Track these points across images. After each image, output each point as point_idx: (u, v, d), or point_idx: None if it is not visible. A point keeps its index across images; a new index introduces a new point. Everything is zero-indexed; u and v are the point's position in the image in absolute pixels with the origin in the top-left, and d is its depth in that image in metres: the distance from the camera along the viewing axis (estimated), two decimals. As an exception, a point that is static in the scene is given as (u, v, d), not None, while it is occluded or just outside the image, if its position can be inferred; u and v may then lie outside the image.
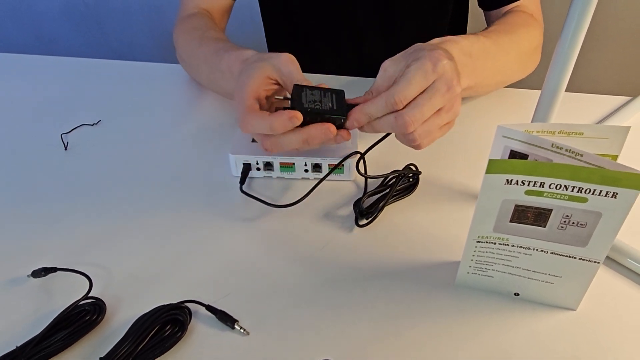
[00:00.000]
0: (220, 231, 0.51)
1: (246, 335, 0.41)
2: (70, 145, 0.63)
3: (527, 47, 0.66)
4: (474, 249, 0.42)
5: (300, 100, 0.48)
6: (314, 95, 0.49)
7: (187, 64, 0.74)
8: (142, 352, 0.39)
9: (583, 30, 0.41)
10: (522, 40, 0.65)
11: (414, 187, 0.56)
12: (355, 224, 0.51)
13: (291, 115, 0.46)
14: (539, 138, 0.38)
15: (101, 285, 0.45)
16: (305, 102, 0.48)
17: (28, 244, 0.50)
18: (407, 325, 0.42)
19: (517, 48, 0.64)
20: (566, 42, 0.42)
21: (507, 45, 0.62)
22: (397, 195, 0.55)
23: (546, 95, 0.45)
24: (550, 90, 0.45)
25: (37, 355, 0.38)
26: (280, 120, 0.46)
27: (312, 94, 0.49)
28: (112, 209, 0.54)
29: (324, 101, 0.49)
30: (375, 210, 0.52)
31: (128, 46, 1.59)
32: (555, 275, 0.41)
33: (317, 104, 0.48)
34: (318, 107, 0.48)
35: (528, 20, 0.69)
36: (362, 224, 0.51)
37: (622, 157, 0.39)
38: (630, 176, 0.34)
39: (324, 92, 0.50)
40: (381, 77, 0.49)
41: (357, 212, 0.52)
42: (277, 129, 0.47)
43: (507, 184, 0.37)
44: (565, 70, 0.44)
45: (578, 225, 0.38)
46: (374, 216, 0.52)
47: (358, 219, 0.51)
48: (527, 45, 0.66)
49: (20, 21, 1.59)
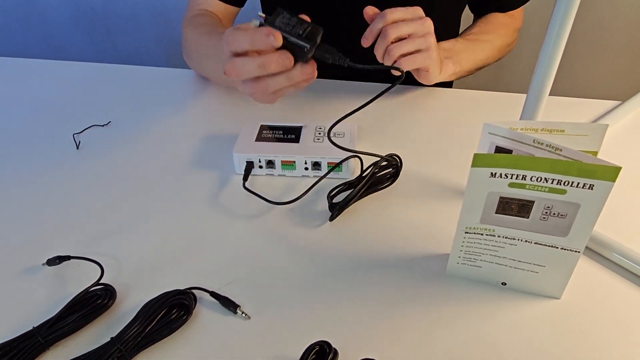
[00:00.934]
0: (224, 224, 0.54)
1: (247, 319, 0.44)
2: (81, 144, 0.67)
3: (500, 43, 0.81)
4: (462, 240, 0.45)
5: (274, 20, 0.47)
6: (291, 21, 0.47)
7: (193, 60, 0.79)
8: (150, 333, 0.42)
9: (565, 35, 0.44)
10: (497, 39, 0.80)
11: (395, 177, 0.58)
12: (329, 220, 0.54)
13: (269, 32, 0.46)
14: (521, 134, 0.41)
15: (112, 273, 0.48)
16: (277, 22, 0.47)
17: (43, 235, 0.53)
18: (400, 312, 0.45)
19: (492, 45, 0.80)
20: (549, 47, 0.45)
21: (483, 44, 0.78)
22: (376, 186, 0.57)
23: (531, 97, 0.48)
24: (535, 91, 0.47)
25: (52, 335, 0.41)
26: (259, 35, 0.46)
27: (289, 19, 0.47)
28: (122, 202, 0.57)
29: (296, 27, 0.47)
30: (345, 203, 0.54)
31: (136, 52, 1.63)
32: (539, 265, 0.44)
33: (288, 26, 0.47)
34: (288, 30, 0.47)
35: (504, 20, 0.83)
36: (332, 218, 0.54)
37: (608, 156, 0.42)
38: (605, 169, 0.37)
39: (302, 22, 0.48)
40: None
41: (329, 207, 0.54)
42: (258, 43, 0.47)
43: (492, 177, 0.40)
44: (549, 73, 0.46)
45: (558, 216, 0.40)
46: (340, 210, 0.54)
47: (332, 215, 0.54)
48: (501, 42, 0.81)
49: (31, 28, 1.63)
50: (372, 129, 0.69)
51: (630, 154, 0.65)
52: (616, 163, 0.36)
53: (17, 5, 1.59)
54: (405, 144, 0.66)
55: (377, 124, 0.71)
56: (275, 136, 0.62)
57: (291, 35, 0.47)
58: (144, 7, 1.53)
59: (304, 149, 0.60)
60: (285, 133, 0.63)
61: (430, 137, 0.68)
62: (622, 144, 0.66)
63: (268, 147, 0.60)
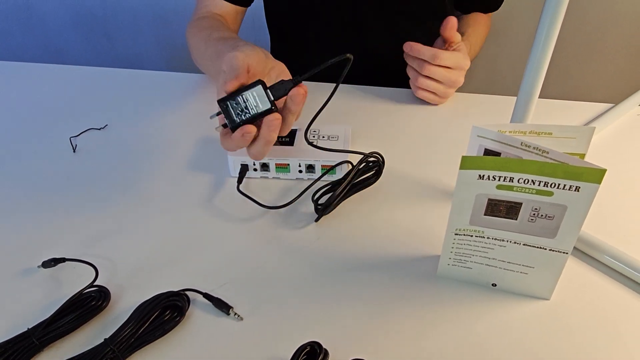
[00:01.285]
0: (218, 226, 0.55)
1: (240, 320, 0.45)
2: (78, 147, 0.67)
3: (485, 33, 0.97)
4: (452, 242, 0.45)
5: (231, 117, 0.49)
6: (238, 104, 0.49)
7: (199, 64, 0.80)
8: (144, 334, 0.42)
9: (553, 39, 0.45)
10: (483, 32, 0.97)
11: (378, 175, 0.59)
12: (315, 221, 0.55)
13: (243, 132, 0.48)
14: (509, 137, 0.41)
15: (106, 275, 0.49)
16: (235, 116, 0.49)
17: (39, 237, 0.53)
18: (391, 312, 0.45)
19: (482, 38, 0.97)
20: (537, 51, 0.45)
21: (477, 38, 0.93)
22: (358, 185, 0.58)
23: (521, 100, 0.49)
24: (524, 95, 0.48)
25: (47, 336, 0.42)
26: (236, 142, 0.49)
27: (236, 104, 0.49)
28: (117, 205, 0.57)
29: (249, 105, 0.49)
30: (330, 204, 0.55)
31: (135, 56, 1.64)
32: (528, 266, 0.44)
33: (245, 111, 0.49)
34: (247, 114, 0.49)
35: (485, 18, 0.98)
36: (317, 219, 0.55)
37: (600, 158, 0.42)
38: (591, 171, 0.37)
39: (244, 96, 0.49)
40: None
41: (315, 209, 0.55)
42: (238, 147, 0.49)
43: (480, 179, 0.40)
44: (538, 77, 0.47)
45: (546, 217, 0.41)
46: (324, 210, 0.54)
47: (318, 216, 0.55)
48: (486, 31, 0.98)
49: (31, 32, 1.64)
50: (366, 131, 0.70)
51: (622, 156, 0.65)
52: (608, 165, 0.37)
53: (17, 9, 1.60)
54: (398, 146, 0.67)
55: (371, 126, 0.71)
56: (269, 139, 0.63)
57: (255, 116, 0.49)
58: (143, 11, 1.54)
59: (298, 151, 0.60)
60: (279, 136, 0.63)
61: (423, 139, 0.69)
62: (614, 146, 0.67)
63: (262, 150, 0.61)
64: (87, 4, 1.55)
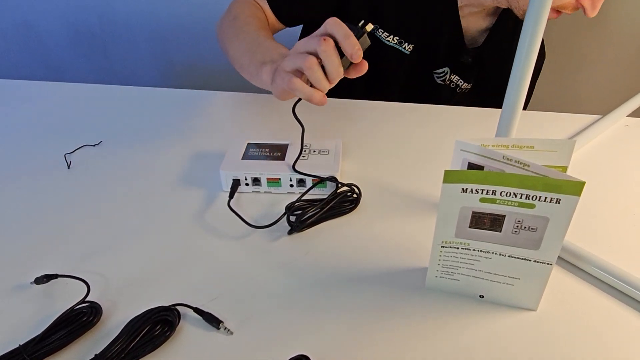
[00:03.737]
0: (209, 242, 0.55)
1: (230, 334, 0.45)
2: (72, 164, 0.68)
3: None
4: (439, 254, 0.46)
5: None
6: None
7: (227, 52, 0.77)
8: (134, 349, 0.42)
9: (534, 52, 0.46)
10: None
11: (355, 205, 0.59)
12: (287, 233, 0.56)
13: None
14: (491, 151, 0.42)
15: (98, 291, 0.49)
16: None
17: (32, 253, 0.54)
18: (380, 325, 0.46)
19: None
20: (519, 67, 0.46)
21: None
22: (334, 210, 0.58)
23: (505, 113, 0.50)
24: (508, 108, 0.49)
25: (38, 352, 0.42)
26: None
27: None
28: (110, 221, 0.58)
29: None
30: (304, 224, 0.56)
31: (132, 73, 1.65)
32: (514, 277, 0.45)
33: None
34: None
35: None
36: (291, 233, 0.56)
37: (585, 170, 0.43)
38: (570, 184, 0.38)
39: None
40: None
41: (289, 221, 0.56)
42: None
43: (463, 192, 0.41)
44: (521, 90, 0.48)
45: (529, 229, 0.41)
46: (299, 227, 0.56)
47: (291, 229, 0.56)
48: None
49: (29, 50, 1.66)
50: (356, 144, 0.71)
51: (609, 167, 0.66)
52: (595, 176, 0.38)
53: (16, 28, 1.62)
54: (386, 159, 0.68)
55: (361, 139, 0.72)
56: (261, 154, 0.64)
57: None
58: (140, 29, 1.56)
59: (290, 166, 0.61)
60: (271, 151, 0.64)
61: (411, 152, 0.70)
62: (602, 157, 0.68)
63: (254, 164, 0.62)
64: (85, 22, 1.57)
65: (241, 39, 0.72)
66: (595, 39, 1.28)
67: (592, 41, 1.29)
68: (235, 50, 0.72)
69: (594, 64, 1.33)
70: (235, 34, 0.74)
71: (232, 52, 0.73)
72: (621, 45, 1.29)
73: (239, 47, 0.71)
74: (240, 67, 0.70)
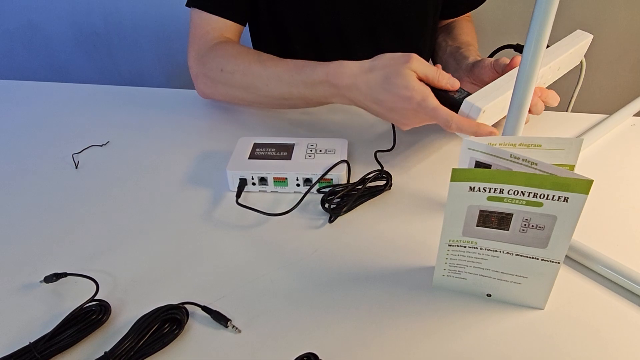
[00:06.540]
0: (217, 240, 0.56)
1: (238, 333, 0.45)
2: (80, 164, 0.69)
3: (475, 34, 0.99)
4: (446, 253, 0.46)
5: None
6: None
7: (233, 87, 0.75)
8: (143, 347, 0.43)
9: (541, 52, 0.46)
10: (475, 36, 0.98)
11: (386, 186, 0.61)
12: (328, 221, 0.57)
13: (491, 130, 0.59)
14: (498, 149, 0.42)
15: (107, 289, 0.49)
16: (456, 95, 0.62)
17: (41, 252, 0.54)
18: (388, 324, 0.46)
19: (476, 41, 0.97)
20: (526, 66, 0.46)
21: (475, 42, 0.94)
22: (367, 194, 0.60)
23: (512, 112, 0.49)
24: (515, 107, 0.49)
25: (48, 350, 0.42)
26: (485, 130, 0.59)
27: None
28: (118, 220, 0.59)
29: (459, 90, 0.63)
30: (345, 205, 0.58)
31: (137, 73, 1.66)
32: (521, 276, 0.45)
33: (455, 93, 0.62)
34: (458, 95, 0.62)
35: (470, 21, 1.00)
36: (331, 220, 0.57)
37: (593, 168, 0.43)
38: (578, 182, 0.38)
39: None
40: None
41: (327, 210, 0.57)
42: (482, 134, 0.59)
43: (471, 191, 0.41)
44: (528, 90, 0.48)
45: (537, 228, 0.41)
46: (342, 211, 0.58)
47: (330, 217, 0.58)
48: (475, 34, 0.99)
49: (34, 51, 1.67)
50: (362, 143, 0.71)
51: (616, 166, 0.66)
52: (602, 175, 0.38)
53: (21, 29, 1.63)
54: (392, 158, 0.68)
55: (367, 138, 0.72)
56: (267, 153, 0.64)
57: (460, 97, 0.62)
58: (145, 29, 1.57)
59: (296, 165, 0.62)
60: (277, 150, 0.64)
61: (417, 152, 0.70)
62: (609, 156, 0.68)
63: (261, 164, 0.62)
64: (90, 23, 1.58)
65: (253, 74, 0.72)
66: (601, 37, 1.28)
67: (599, 40, 1.29)
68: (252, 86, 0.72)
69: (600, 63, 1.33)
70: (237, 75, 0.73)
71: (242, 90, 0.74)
72: (628, 44, 1.28)
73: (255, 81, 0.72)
74: (266, 96, 0.72)
